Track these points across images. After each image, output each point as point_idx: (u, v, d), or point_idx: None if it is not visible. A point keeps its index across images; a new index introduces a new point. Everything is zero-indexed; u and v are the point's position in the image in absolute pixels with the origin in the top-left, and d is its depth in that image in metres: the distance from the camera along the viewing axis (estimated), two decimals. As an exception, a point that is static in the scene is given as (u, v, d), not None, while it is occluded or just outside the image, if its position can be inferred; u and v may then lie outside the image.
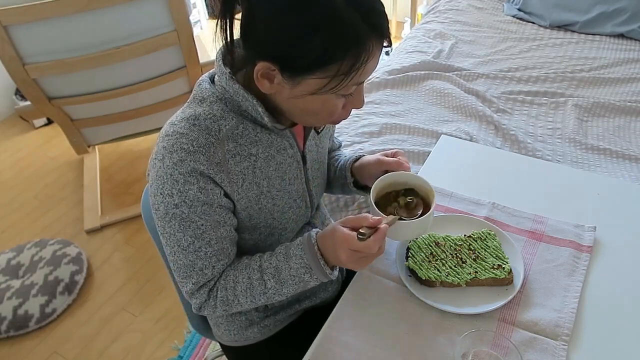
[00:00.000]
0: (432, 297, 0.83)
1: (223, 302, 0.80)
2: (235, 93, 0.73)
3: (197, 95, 0.76)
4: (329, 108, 0.72)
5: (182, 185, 0.71)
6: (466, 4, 2.42)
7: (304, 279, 0.77)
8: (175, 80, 2.10)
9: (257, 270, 0.78)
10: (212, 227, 0.75)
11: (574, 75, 1.82)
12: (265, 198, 0.80)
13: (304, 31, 0.63)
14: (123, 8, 1.76)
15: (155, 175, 0.73)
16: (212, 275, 0.78)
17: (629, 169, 1.38)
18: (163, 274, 1.96)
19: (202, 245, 0.75)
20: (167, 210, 0.73)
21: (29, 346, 1.76)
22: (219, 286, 0.80)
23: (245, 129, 0.75)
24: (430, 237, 0.92)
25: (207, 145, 0.71)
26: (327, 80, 0.66)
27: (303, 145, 0.86)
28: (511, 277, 0.84)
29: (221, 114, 0.74)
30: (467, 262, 0.87)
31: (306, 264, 0.76)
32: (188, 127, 0.72)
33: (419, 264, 0.87)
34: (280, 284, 0.77)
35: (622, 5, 2.04)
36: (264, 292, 0.78)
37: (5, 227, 2.29)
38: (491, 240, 0.91)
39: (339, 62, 0.64)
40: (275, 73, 0.67)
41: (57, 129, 2.69)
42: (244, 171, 0.76)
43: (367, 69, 0.68)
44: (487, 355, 0.73)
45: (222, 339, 1.00)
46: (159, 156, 0.72)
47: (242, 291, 0.79)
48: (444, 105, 1.72)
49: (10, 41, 1.68)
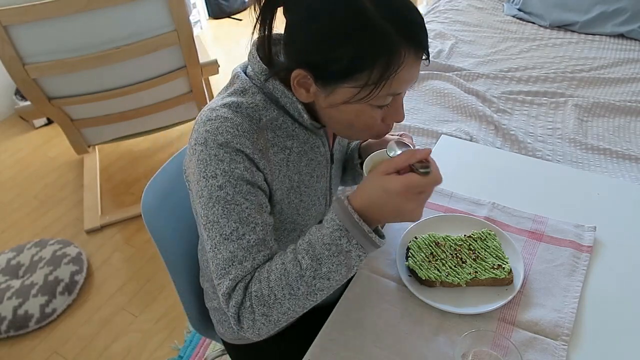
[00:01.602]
0: (432, 297, 0.83)
1: (257, 298, 0.68)
2: (275, 89, 0.73)
3: (238, 86, 0.75)
4: (365, 120, 0.71)
5: (227, 165, 0.69)
6: (466, 4, 2.42)
7: (342, 246, 0.65)
8: (175, 80, 2.10)
9: (290, 252, 0.70)
10: (257, 210, 0.71)
11: (574, 75, 1.82)
12: (295, 193, 0.80)
13: (334, 39, 0.64)
14: (123, 8, 1.76)
15: (197, 161, 0.71)
16: (252, 267, 0.70)
17: (629, 169, 1.38)
18: (163, 274, 1.96)
19: (246, 232, 0.70)
20: (211, 194, 0.69)
21: (29, 346, 1.76)
22: (254, 280, 0.70)
23: (284, 122, 0.76)
24: (430, 237, 0.92)
25: (250, 131, 0.71)
26: (357, 90, 0.66)
27: (332, 145, 0.87)
28: (511, 277, 0.84)
29: (263, 104, 0.74)
30: (467, 262, 0.87)
31: (339, 225, 0.66)
32: (231, 112, 0.71)
33: (419, 264, 0.87)
34: (317, 260, 0.66)
35: (622, 5, 2.04)
36: (300, 275, 0.67)
37: (5, 227, 2.29)
38: (491, 240, 0.91)
39: (368, 71, 0.64)
40: (310, 82, 0.69)
41: (57, 129, 2.69)
42: (280, 163, 0.76)
43: (401, 79, 0.66)
44: (487, 355, 0.73)
45: (224, 336, 1.00)
46: (201, 140, 0.70)
47: (276, 279, 0.68)
48: (444, 105, 1.72)
49: (10, 41, 1.68)
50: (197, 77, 2.12)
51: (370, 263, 0.92)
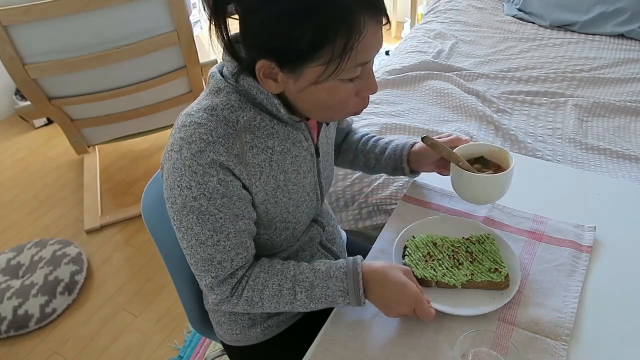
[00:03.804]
0: (428, 296, 0.82)
1: (247, 302, 0.80)
2: (250, 86, 0.72)
3: (212, 86, 0.75)
4: (340, 96, 0.70)
5: (201, 177, 0.70)
6: (466, 4, 2.42)
7: (337, 301, 0.78)
8: (175, 80, 2.10)
9: (290, 279, 0.79)
10: (231, 220, 0.74)
11: (574, 75, 1.82)
12: (282, 192, 0.80)
13: (289, 19, 0.63)
14: (123, 8, 1.76)
15: (171, 168, 0.72)
16: (232, 268, 0.77)
17: (629, 169, 1.38)
18: (163, 274, 1.96)
19: (220, 239, 0.74)
20: (185, 204, 0.72)
21: (29, 346, 1.76)
22: (247, 286, 0.79)
23: (263, 121, 0.74)
24: (428, 237, 0.92)
25: (225, 136, 0.70)
26: (324, 66, 0.65)
27: (317, 138, 0.86)
28: (507, 281, 0.83)
29: (239, 104, 0.73)
30: (463, 264, 0.87)
31: (345, 289, 0.77)
32: (206, 117, 0.70)
33: (415, 263, 0.87)
34: (311, 299, 0.78)
35: (622, 5, 2.04)
36: (291, 302, 0.79)
37: (5, 227, 2.29)
38: (489, 244, 0.90)
39: (331, 44, 0.63)
40: (276, 70, 0.67)
41: (57, 129, 2.69)
42: (262, 164, 0.75)
43: (365, 47, 0.66)
44: (487, 355, 0.73)
45: (224, 338, 1.00)
46: (176, 147, 0.71)
47: (270, 296, 0.79)
48: (444, 105, 1.72)
49: (10, 41, 1.68)
50: (197, 77, 2.12)
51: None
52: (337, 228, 1.07)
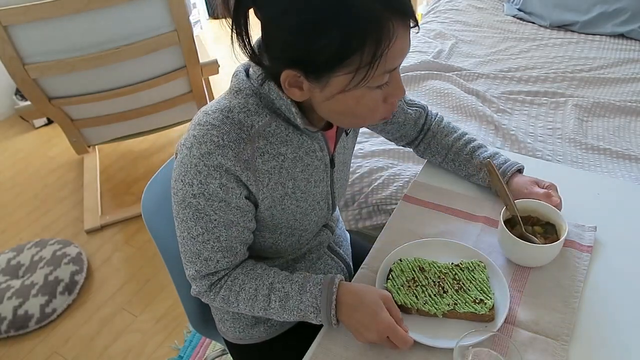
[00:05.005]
0: (408, 324, 0.78)
1: (223, 299, 0.82)
2: (270, 90, 0.70)
3: (234, 85, 0.74)
4: (368, 104, 0.68)
5: (204, 178, 0.70)
6: (466, 4, 2.42)
7: (309, 316, 0.78)
8: (175, 80, 2.10)
9: (266, 286, 0.79)
10: (224, 225, 0.75)
11: (574, 75, 1.82)
12: (290, 199, 0.79)
13: (314, 27, 0.60)
14: (123, 8, 1.76)
15: (180, 161, 0.73)
16: (215, 268, 0.79)
17: (629, 169, 1.38)
18: (163, 274, 1.96)
19: (210, 239, 0.76)
20: (185, 198, 0.73)
21: (29, 346, 1.76)
22: (224, 285, 0.81)
23: (278, 128, 0.73)
24: (416, 261, 0.88)
25: (237, 141, 0.70)
26: (352, 75, 0.62)
27: (334, 149, 0.84)
28: (492, 314, 0.79)
29: (255, 108, 0.72)
30: (448, 292, 0.82)
31: (317, 306, 0.77)
32: (221, 119, 0.70)
33: (397, 288, 0.83)
34: (283, 309, 0.79)
35: (622, 5, 2.04)
36: (264, 308, 0.80)
37: (5, 227, 2.29)
38: (479, 272, 0.85)
39: (359, 53, 0.60)
40: (302, 79, 0.65)
41: (57, 129, 2.69)
42: (271, 170, 0.75)
43: (394, 54, 0.63)
44: (487, 355, 0.73)
45: (226, 335, 1.00)
46: (188, 144, 0.71)
47: (245, 299, 0.80)
48: (444, 105, 1.72)
49: (10, 41, 1.68)
50: (197, 77, 2.12)
51: (371, 263, 0.92)
52: (344, 230, 1.07)
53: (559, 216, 0.89)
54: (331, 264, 0.98)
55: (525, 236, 0.87)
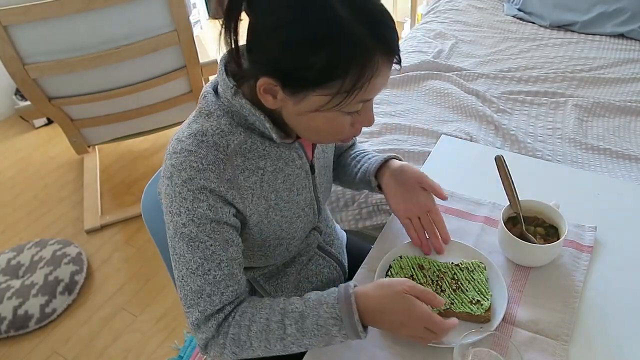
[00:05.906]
0: None
1: (234, 341, 0.73)
2: (242, 107, 0.70)
3: (203, 108, 0.73)
4: (335, 126, 0.69)
5: (190, 203, 0.69)
6: (466, 4, 2.42)
7: (331, 331, 0.70)
8: (175, 80, 2.10)
9: (278, 312, 0.73)
10: (222, 246, 0.72)
11: (574, 75, 1.82)
12: (274, 211, 0.79)
13: (303, 47, 0.60)
14: (123, 8, 1.76)
15: (164, 194, 0.72)
16: (221, 303, 0.73)
17: (629, 169, 1.38)
18: (163, 274, 1.96)
19: (211, 268, 0.72)
20: (176, 230, 0.71)
21: (29, 346, 1.76)
22: (233, 322, 0.74)
23: (254, 143, 0.73)
24: (416, 258, 0.89)
25: (216, 162, 0.69)
26: (329, 98, 0.64)
27: (312, 155, 0.84)
28: (488, 315, 0.79)
29: (229, 128, 0.71)
30: (446, 291, 0.83)
31: (337, 315, 0.70)
32: (196, 143, 0.69)
33: None
34: (302, 332, 0.71)
35: (622, 5, 2.04)
36: (281, 337, 0.72)
37: (5, 227, 2.29)
38: (479, 273, 0.85)
39: (341, 79, 0.61)
40: (278, 89, 0.65)
41: (57, 129, 2.69)
42: (253, 186, 0.74)
43: (374, 87, 0.64)
44: (487, 355, 0.73)
45: None
46: (167, 174, 0.70)
47: (257, 332, 0.72)
48: (444, 105, 1.72)
49: (10, 41, 1.68)
50: (197, 77, 2.12)
51: (371, 263, 0.92)
52: (336, 229, 1.06)
53: (560, 218, 0.89)
54: (322, 263, 0.97)
55: (525, 236, 0.87)
